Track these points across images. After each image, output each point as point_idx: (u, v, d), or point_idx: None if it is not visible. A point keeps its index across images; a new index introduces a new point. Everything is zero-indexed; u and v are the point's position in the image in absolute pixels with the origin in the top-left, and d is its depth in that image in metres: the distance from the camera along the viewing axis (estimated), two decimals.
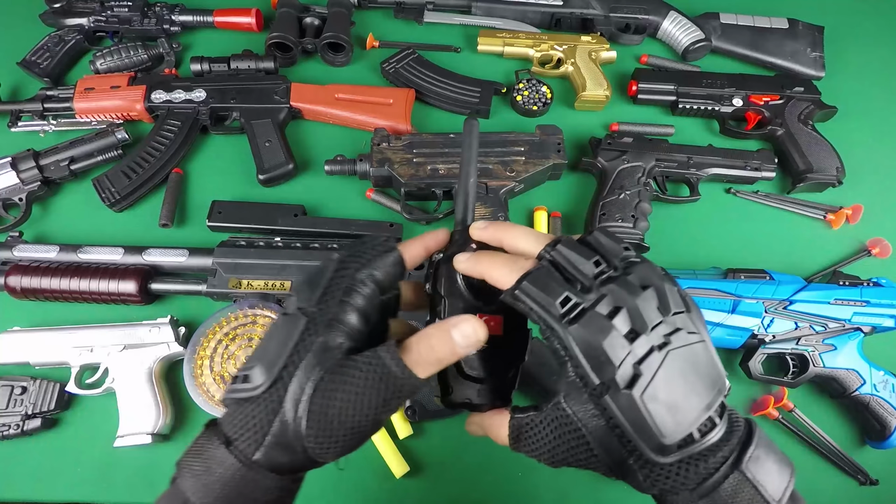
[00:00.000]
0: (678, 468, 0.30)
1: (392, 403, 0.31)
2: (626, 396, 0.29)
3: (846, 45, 0.99)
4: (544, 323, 0.31)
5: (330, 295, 0.32)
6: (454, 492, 0.66)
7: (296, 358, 0.30)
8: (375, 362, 0.31)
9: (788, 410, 0.70)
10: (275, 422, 0.30)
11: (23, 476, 0.66)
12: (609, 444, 0.31)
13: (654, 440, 0.29)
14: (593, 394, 0.30)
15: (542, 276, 0.31)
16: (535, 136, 0.81)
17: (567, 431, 0.32)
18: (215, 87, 0.84)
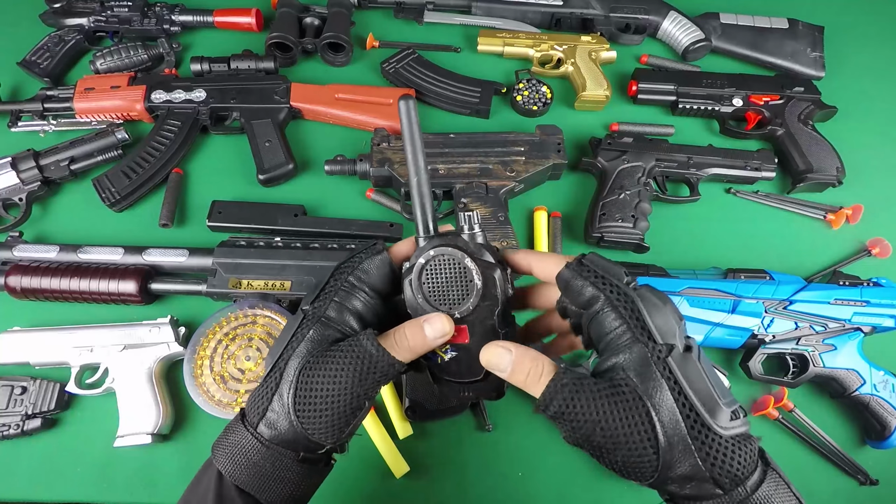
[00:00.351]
0: (734, 446, 0.31)
1: (369, 379, 0.35)
2: (689, 357, 0.32)
3: (846, 45, 0.99)
4: (611, 289, 0.34)
5: (324, 296, 0.38)
6: (454, 492, 0.66)
7: (291, 347, 0.37)
8: (354, 343, 0.36)
9: (788, 410, 0.70)
10: (273, 398, 0.36)
11: (23, 476, 0.66)
12: (669, 416, 0.30)
13: (713, 404, 0.31)
14: (659, 356, 0.31)
15: (597, 255, 0.37)
16: (535, 136, 0.81)
17: (628, 401, 0.31)
18: (215, 87, 0.84)
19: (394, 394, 0.68)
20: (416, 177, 0.37)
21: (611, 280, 0.35)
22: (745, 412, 0.34)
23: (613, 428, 0.31)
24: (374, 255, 0.39)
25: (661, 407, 0.30)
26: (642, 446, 0.31)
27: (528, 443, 0.68)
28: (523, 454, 0.68)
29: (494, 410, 0.69)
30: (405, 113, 0.36)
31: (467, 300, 0.37)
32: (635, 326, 0.32)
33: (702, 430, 0.30)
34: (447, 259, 0.37)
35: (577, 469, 0.67)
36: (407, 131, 0.36)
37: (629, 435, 0.31)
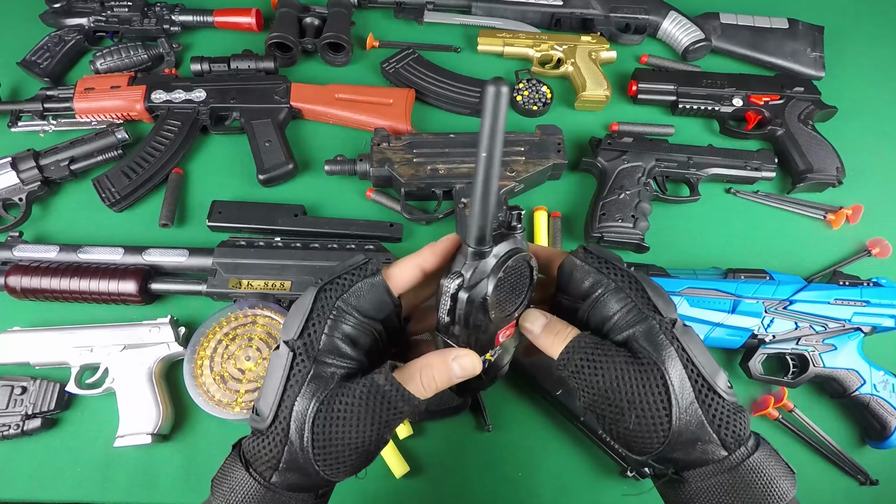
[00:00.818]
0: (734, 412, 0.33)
1: (393, 422, 0.33)
2: (689, 331, 0.34)
3: (846, 45, 0.99)
4: (615, 272, 0.36)
5: (312, 326, 0.34)
6: (454, 492, 0.66)
7: (291, 391, 0.33)
8: (370, 386, 0.32)
9: (788, 410, 0.70)
10: (284, 451, 0.33)
11: (23, 476, 0.66)
12: (681, 382, 0.32)
13: (718, 373, 0.33)
14: (666, 327, 0.33)
15: (596, 247, 0.38)
16: (535, 136, 0.81)
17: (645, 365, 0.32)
18: (215, 87, 0.84)
19: None
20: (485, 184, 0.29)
21: (615, 264, 0.36)
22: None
23: (630, 387, 0.32)
24: (367, 277, 0.35)
25: (672, 372, 0.32)
26: (656, 407, 0.32)
27: (528, 443, 0.68)
28: (523, 454, 0.68)
29: (494, 410, 0.69)
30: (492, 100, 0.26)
31: (526, 295, 0.37)
32: (643, 304, 0.34)
33: (709, 393, 0.32)
34: (519, 264, 0.35)
35: (577, 469, 0.67)
36: (489, 122, 0.27)
37: (644, 395, 0.32)
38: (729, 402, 0.33)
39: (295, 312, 0.34)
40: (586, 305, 0.36)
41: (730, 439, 0.32)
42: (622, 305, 0.35)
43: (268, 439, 0.33)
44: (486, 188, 0.30)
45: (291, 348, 0.33)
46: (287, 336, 0.34)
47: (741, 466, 0.32)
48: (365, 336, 0.35)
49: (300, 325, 0.34)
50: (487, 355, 0.37)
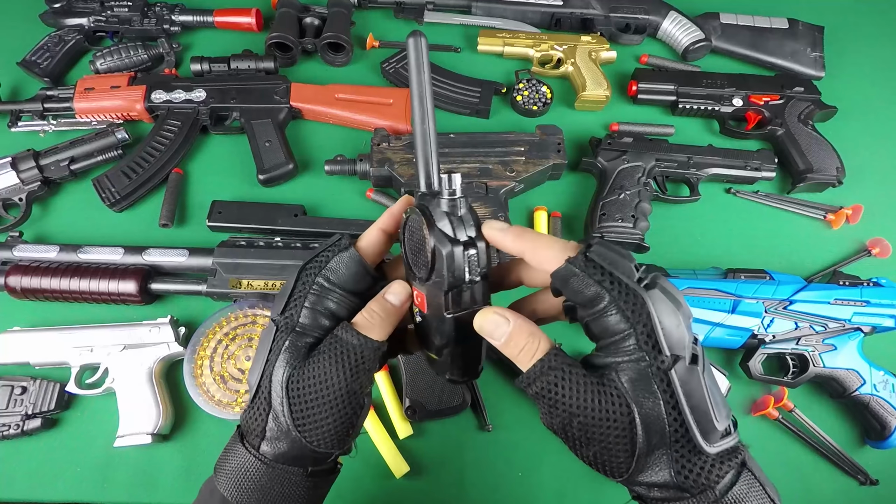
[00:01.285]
0: (713, 463, 0.30)
1: (360, 370, 0.34)
2: (694, 372, 0.30)
3: (846, 45, 0.99)
4: (618, 288, 0.30)
5: (293, 302, 0.36)
6: (454, 492, 0.66)
7: (271, 362, 0.35)
8: (333, 341, 0.35)
9: (788, 410, 0.70)
10: (268, 419, 0.35)
11: (23, 476, 0.66)
12: (654, 427, 0.29)
13: (708, 424, 0.30)
14: (660, 367, 0.29)
15: (606, 245, 0.32)
16: (535, 136, 0.81)
17: (612, 403, 0.30)
18: (215, 87, 0.84)
19: (394, 394, 0.69)
20: (423, 125, 0.33)
21: (619, 278, 0.30)
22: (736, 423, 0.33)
23: (592, 423, 0.30)
24: (341, 251, 0.37)
25: (648, 417, 0.29)
26: (617, 448, 0.30)
27: (528, 443, 0.68)
28: (523, 454, 0.68)
29: (494, 411, 0.69)
30: (415, 50, 0.32)
31: (423, 268, 0.34)
32: (641, 333, 0.29)
33: (686, 445, 0.30)
34: (416, 221, 0.34)
35: (577, 469, 0.67)
36: (415, 71, 0.32)
37: (606, 434, 0.30)
38: (711, 454, 0.30)
39: (281, 292, 0.37)
40: (587, 314, 0.32)
41: (696, 489, 0.30)
42: (622, 329, 0.30)
43: (254, 409, 0.35)
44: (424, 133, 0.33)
45: (275, 324, 0.36)
46: (274, 314, 0.36)
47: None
48: (344, 309, 0.37)
49: (283, 303, 0.36)
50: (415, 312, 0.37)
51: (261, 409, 0.35)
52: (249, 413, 0.36)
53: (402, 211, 0.38)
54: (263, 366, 0.35)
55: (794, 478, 0.69)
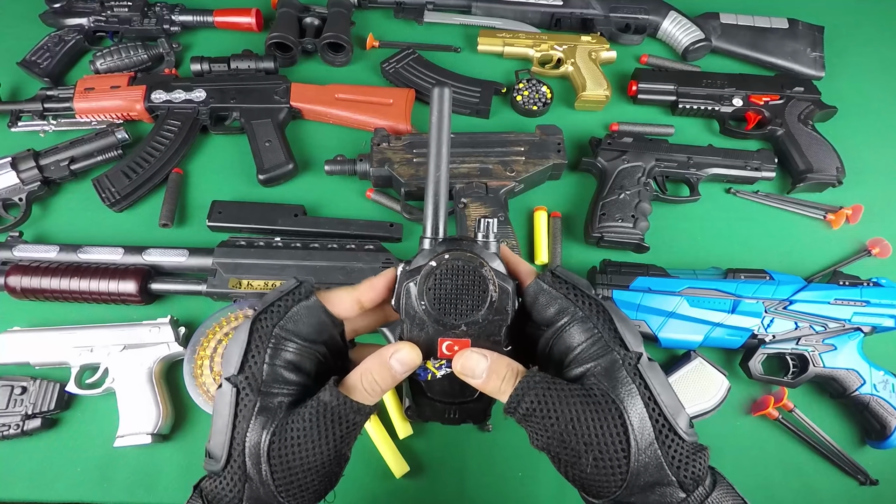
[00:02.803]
0: (694, 452, 0.31)
1: (348, 436, 0.32)
2: (655, 367, 0.33)
3: (846, 45, 0.99)
4: (583, 299, 0.34)
5: (252, 358, 0.33)
6: (454, 492, 0.66)
7: (241, 427, 0.32)
8: (318, 405, 0.32)
9: (788, 410, 0.70)
10: (245, 488, 0.32)
11: (23, 476, 0.66)
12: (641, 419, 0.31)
13: (681, 414, 0.32)
14: (630, 363, 0.32)
15: (564, 270, 0.35)
16: (535, 136, 0.81)
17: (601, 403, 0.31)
18: (215, 87, 0.84)
19: (394, 394, 0.68)
20: (437, 173, 0.34)
21: (583, 292, 0.34)
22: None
23: (585, 428, 0.30)
24: (301, 300, 0.34)
25: (631, 410, 0.30)
26: (614, 449, 0.30)
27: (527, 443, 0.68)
28: (523, 454, 0.68)
29: (495, 411, 0.69)
30: (438, 102, 0.34)
31: (477, 311, 0.33)
32: (609, 336, 0.32)
33: (669, 434, 0.31)
34: (462, 265, 0.33)
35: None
36: (436, 122, 0.34)
37: (601, 436, 0.30)
38: (689, 442, 0.31)
39: (232, 347, 0.33)
40: (550, 333, 0.34)
41: (689, 481, 0.31)
42: (587, 337, 0.33)
43: (226, 480, 0.32)
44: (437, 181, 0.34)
45: (234, 384, 0.32)
46: (227, 372, 0.33)
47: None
48: (308, 361, 0.34)
49: (239, 360, 0.33)
50: (429, 364, 0.34)
51: (234, 478, 0.32)
52: (220, 483, 0.32)
53: (386, 286, 0.36)
54: (231, 431, 0.32)
55: (794, 478, 0.69)
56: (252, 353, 0.33)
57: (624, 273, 0.72)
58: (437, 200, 0.35)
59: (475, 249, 0.34)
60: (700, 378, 0.68)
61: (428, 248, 0.35)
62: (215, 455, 0.33)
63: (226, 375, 0.33)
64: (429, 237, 0.35)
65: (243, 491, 0.32)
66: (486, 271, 0.33)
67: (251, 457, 0.31)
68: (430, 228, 0.35)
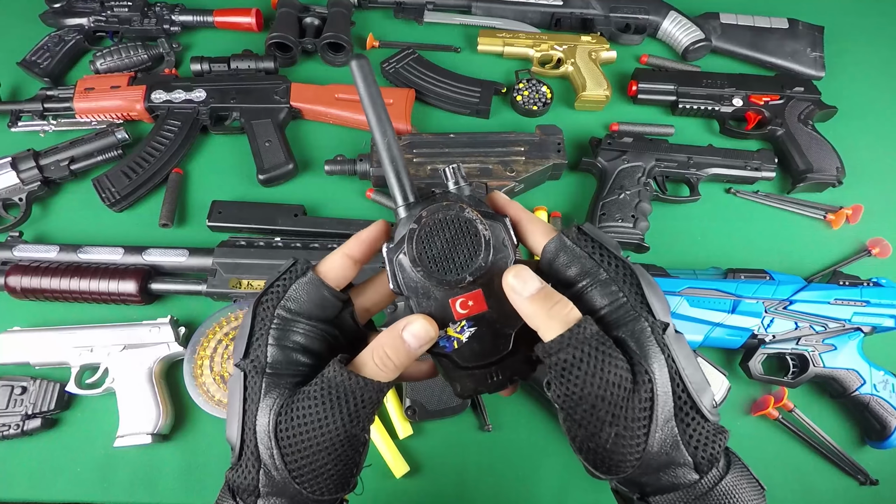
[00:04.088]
0: (714, 434, 0.30)
1: (358, 415, 0.30)
2: (681, 339, 0.31)
3: (846, 45, 0.99)
4: (609, 259, 0.31)
5: (255, 342, 0.32)
6: (454, 492, 0.66)
7: (250, 412, 0.31)
8: (323, 383, 0.30)
9: (788, 410, 0.70)
10: (260, 475, 0.31)
11: (23, 476, 0.66)
12: (665, 396, 0.29)
13: (705, 390, 0.30)
14: (659, 332, 0.30)
15: (592, 228, 0.33)
16: (535, 136, 0.81)
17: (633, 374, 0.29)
18: (215, 87, 0.84)
19: (394, 393, 0.69)
20: (386, 139, 0.33)
21: (612, 252, 0.32)
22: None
23: (620, 400, 0.28)
24: (299, 276, 0.33)
25: (659, 384, 0.29)
26: (638, 425, 0.28)
27: (528, 443, 0.68)
28: (523, 454, 0.68)
29: (494, 410, 0.69)
30: (359, 73, 0.32)
31: (476, 256, 0.31)
32: (636, 301, 0.30)
33: (690, 412, 0.29)
34: (443, 216, 0.31)
35: (577, 469, 0.67)
36: (364, 93, 0.32)
37: (631, 410, 0.28)
38: (711, 423, 0.30)
39: (239, 333, 0.33)
40: (569, 295, 0.31)
41: (704, 462, 0.29)
42: (612, 300, 0.30)
43: (242, 467, 0.32)
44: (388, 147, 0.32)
45: (242, 369, 0.32)
46: (236, 359, 0.32)
47: (712, 492, 0.29)
48: (317, 341, 0.33)
49: (244, 344, 0.32)
50: (450, 331, 0.32)
51: (249, 465, 0.31)
52: (237, 473, 0.32)
53: (374, 237, 0.34)
54: (242, 418, 0.31)
55: (794, 478, 0.69)
56: (256, 337, 0.32)
57: None
58: (396, 166, 0.33)
59: (450, 197, 0.33)
60: None
61: (405, 216, 0.33)
62: (231, 442, 0.32)
63: (234, 362, 0.32)
64: (401, 205, 0.33)
65: (258, 478, 0.31)
66: (469, 213, 0.31)
67: (262, 441, 0.30)
68: (400, 196, 0.33)
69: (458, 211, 0.31)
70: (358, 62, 0.32)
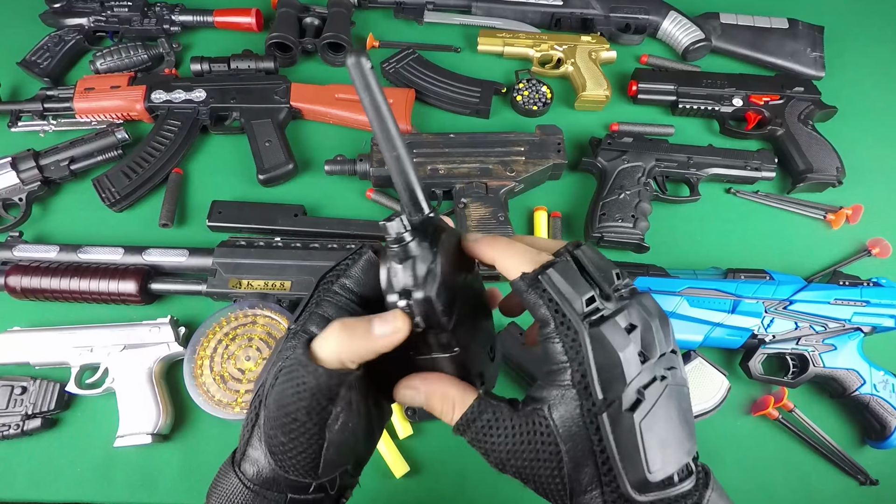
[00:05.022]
0: None
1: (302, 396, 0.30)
2: (627, 419, 0.27)
3: (846, 45, 0.99)
4: (561, 319, 0.28)
5: (306, 310, 0.34)
6: (454, 492, 0.66)
7: (267, 367, 0.33)
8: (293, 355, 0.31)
9: (788, 410, 0.70)
10: (254, 431, 0.32)
11: (23, 476, 0.66)
12: (582, 468, 0.28)
13: (639, 473, 0.27)
14: (590, 409, 0.28)
15: (568, 269, 0.29)
16: (535, 136, 0.81)
17: (540, 442, 0.29)
18: (215, 87, 0.84)
19: None
20: (395, 152, 0.29)
21: (563, 309, 0.28)
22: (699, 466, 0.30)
23: (525, 462, 0.30)
24: (360, 257, 0.35)
25: (577, 457, 0.28)
26: (553, 483, 0.29)
27: None
28: None
29: None
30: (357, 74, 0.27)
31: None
32: (577, 371, 0.28)
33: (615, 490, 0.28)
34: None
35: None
36: (365, 96, 0.28)
37: (539, 473, 0.29)
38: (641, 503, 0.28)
39: (301, 302, 0.35)
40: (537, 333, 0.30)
41: None
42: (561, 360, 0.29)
43: (245, 421, 0.33)
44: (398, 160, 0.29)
45: (287, 330, 0.33)
46: (290, 323, 0.34)
47: None
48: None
49: (299, 312, 0.34)
50: None
51: (249, 421, 0.32)
52: (242, 425, 0.33)
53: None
54: (266, 374, 0.32)
55: (794, 478, 0.69)
56: (309, 305, 0.34)
57: None
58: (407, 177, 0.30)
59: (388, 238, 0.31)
60: (700, 378, 0.68)
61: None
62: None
63: (289, 325, 0.34)
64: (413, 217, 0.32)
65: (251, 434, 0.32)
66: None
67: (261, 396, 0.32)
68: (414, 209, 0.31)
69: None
70: (356, 60, 0.26)
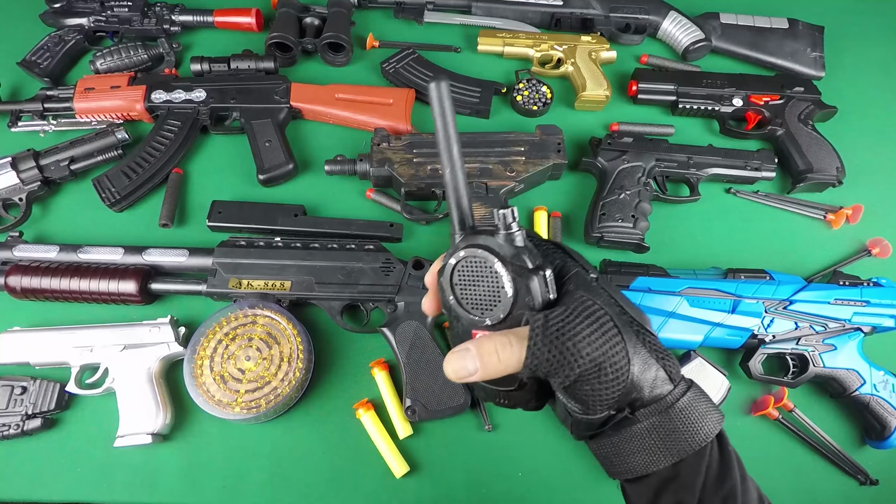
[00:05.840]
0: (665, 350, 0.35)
1: None
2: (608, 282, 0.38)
3: (846, 45, 0.99)
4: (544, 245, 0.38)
5: None
6: (454, 492, 0.66)
7: None
8: None
9: (788, 410, 0.70)
10: None
11: (23, 476, 0.66)
12: (623, 323, 0.33)
13: (641, 313, 0.36)
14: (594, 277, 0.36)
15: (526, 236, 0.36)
16: (535, 136, 0.81)
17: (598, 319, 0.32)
18: (215, 87, 0.84)
19: (394, 394, 0.69)
20: (451, 167, 0.33)
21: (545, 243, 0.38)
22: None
23: (599, 346, 0.31)
24: None
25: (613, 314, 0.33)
26: (620, 355, 0.31)
27: (528, 443, 0.68)
28: (523, 454, 0.68)
29: (494, 410, 0.69)
30: (436, 96, 0.32)
31: (497, 308, 0.33)
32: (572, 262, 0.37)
33: (641, 330, 0.34)
34: (478, 262, 0.33)
35: (577, 469, 0.67)
36: (439, 117, 0.32)
37: (609, 345, 0.31)
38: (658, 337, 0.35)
39: None
40: None
41: (675, 373, 0.34)
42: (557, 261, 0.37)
43: None
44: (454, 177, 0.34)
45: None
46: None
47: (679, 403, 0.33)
48: None
49: None
50: None
51: None
52: None
53: None
54: None
55: (794, 478, 0.69)
56: None
57: (624, 273, 0.72)
58: (458, 194, 0.34)
59: (490, 244, 0.33)
60: (700, 378, 0.68)
61: (453, 244, 0.35)
62: None
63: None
64: (457, 233, 0.35)
65: None
66: (498, 266, 0.33)
67: None
68: (457, 223, 0.35)
69: (490, 262, 0.33)
70: (438, 85, 0.32)
